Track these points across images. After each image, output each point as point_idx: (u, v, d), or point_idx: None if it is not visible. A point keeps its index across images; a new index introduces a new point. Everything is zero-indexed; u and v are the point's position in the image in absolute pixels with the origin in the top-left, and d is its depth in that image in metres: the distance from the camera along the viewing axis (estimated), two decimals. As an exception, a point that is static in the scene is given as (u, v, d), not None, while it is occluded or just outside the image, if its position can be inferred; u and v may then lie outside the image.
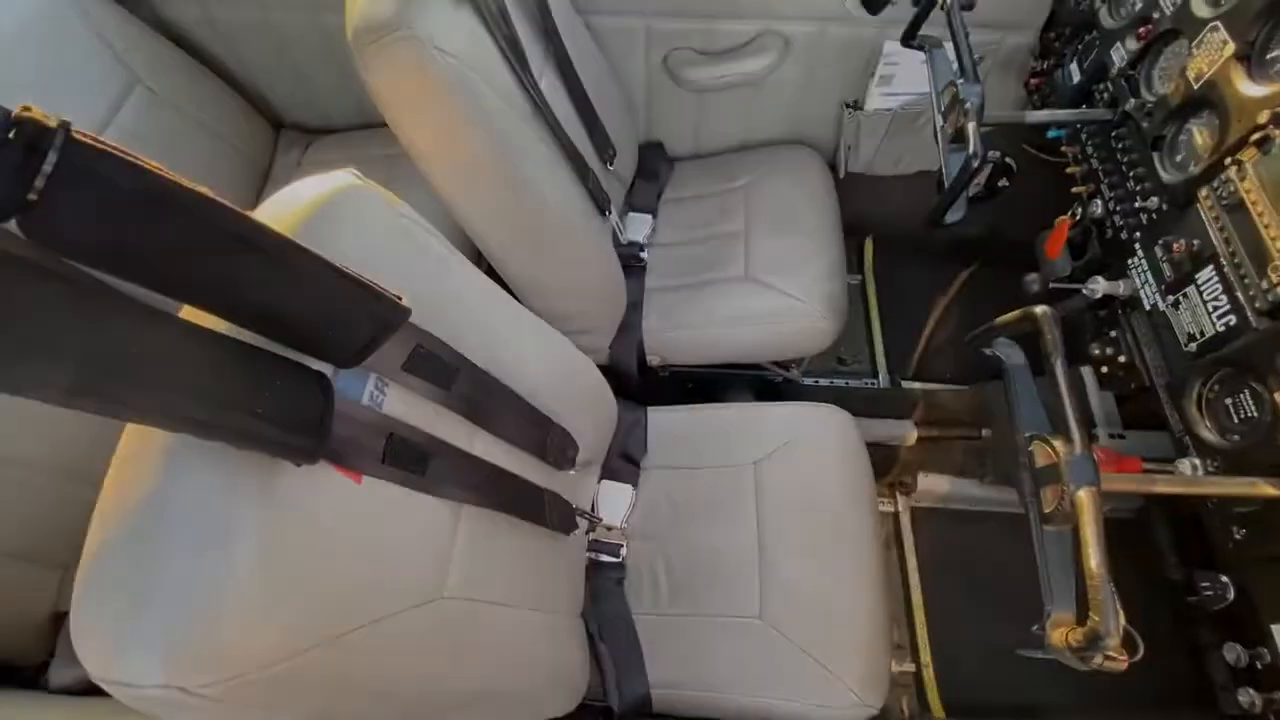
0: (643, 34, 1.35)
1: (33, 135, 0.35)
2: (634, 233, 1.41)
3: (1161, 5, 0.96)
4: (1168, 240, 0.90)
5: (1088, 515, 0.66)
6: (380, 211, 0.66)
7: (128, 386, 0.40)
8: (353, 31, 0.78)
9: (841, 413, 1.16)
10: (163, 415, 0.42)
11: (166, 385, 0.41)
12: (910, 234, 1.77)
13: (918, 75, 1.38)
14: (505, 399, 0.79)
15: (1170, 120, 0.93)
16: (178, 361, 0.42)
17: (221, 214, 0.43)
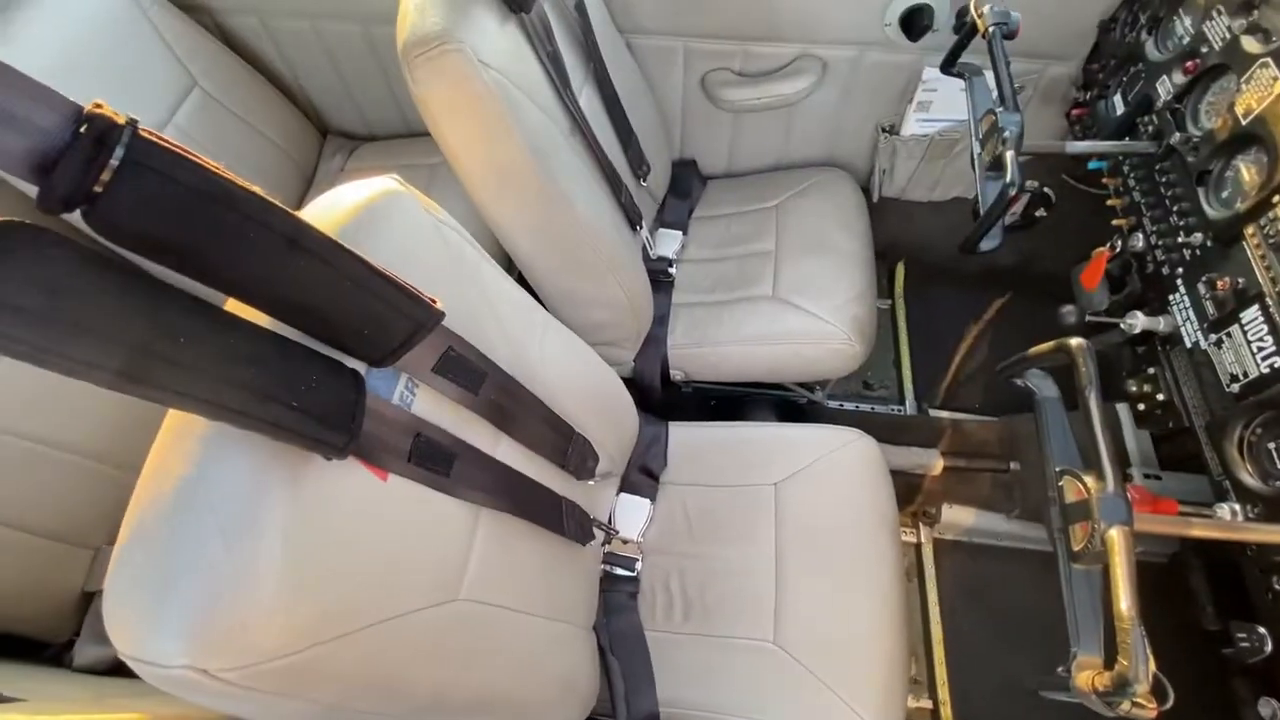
0: (681, 54, 1.37)
1: (102, 130, 0.37)
2: (664, 248, 1.42)
3: (1210, 39, 0.94)
4: (1211, 277, 0.88)
5: (1119, 555, 0.64)
6: (419, 217, 0.68)
7: (174, 374, 0.41)
8: (402, 44, 0.81)
9: (866, 438, 1.14)
10: (205, 403, 0.43)
11: (211, 374, 0.43)
12: (943, 260, 1.75)
13: (956, 102, 1.37)
14: (530, 405, 0.80)
15: (1217, 155, 0.91)
16: (222, 352, 0.44)
17: (272, 213, 0.45)
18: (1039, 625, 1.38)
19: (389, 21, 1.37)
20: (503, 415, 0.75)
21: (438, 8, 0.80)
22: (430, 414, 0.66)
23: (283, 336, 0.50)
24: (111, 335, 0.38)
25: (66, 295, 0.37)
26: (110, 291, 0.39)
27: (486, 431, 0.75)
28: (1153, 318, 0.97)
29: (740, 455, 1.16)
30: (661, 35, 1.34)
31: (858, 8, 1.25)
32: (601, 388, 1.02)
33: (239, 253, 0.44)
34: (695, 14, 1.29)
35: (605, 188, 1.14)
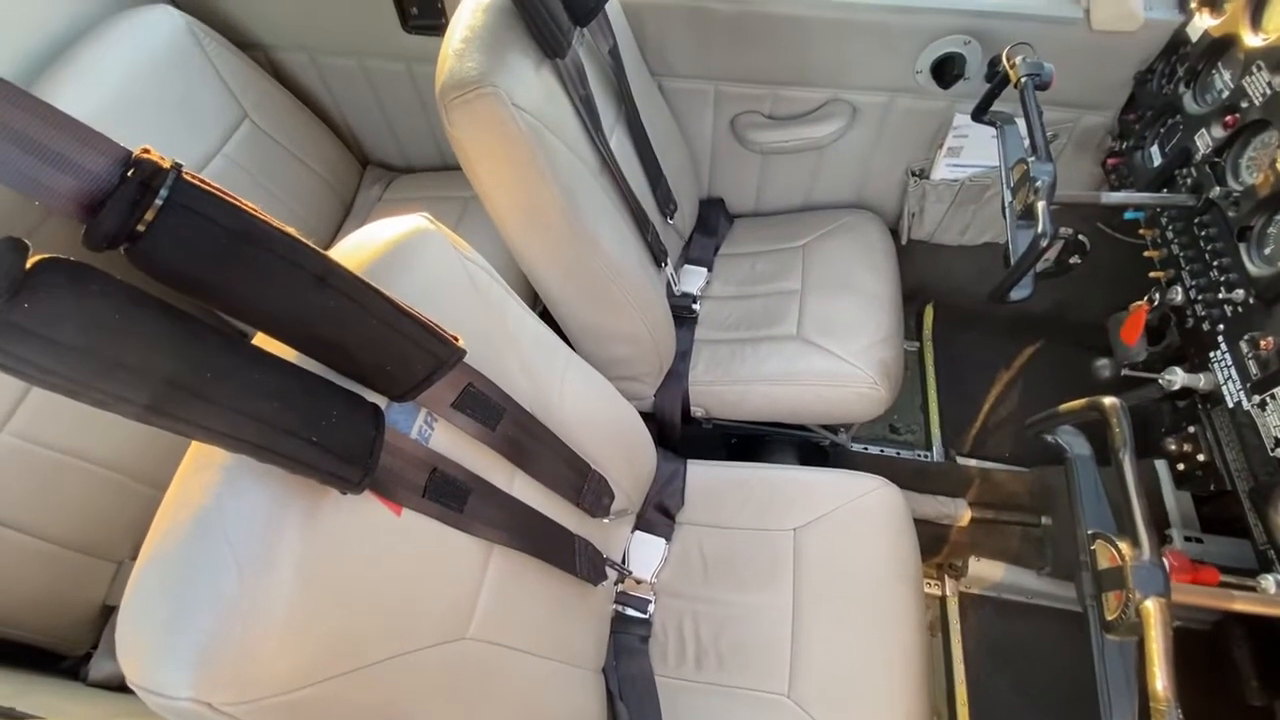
0: (712, 97, 1.40)
1: (148, 174, 0.39)
2: (688, 284, 1.43)
3: (1250, 94, 0.93)
4: (1254, 336, 0.85)
5: (1155, 629, 0.60)
6: (446, 254, 0.70)
7: (199, 408, 0.42)
8: (440, 87, 0.84)
9: (890, 486, 1.12)
10: (225, 437, 0.44)
11: (235, 410, 0.44)
12: (974, 304, 1.73)
13: (987, 148, 1.37)
14: (547, 442, 0.80)
15: (1258, 211, 0.88)
16: (248, 388, 0.45)
17: (303, 252, 0.46)
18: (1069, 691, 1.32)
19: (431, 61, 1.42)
20: (519, 451, 0.75)
21: (476, 53, 0.83)
22: (447, 449, 0.66)
23: (307, 371, 0.51)
24: (143, 370, 0.40)
25: (103, 332, 0.38)
26: (144, 327, 0.40)
27: (502, 467, 0.75)
28: (1193, 375, 0.94)
29: (759, 498, 1.14)
30: (693, 78, 1.37)
31: (889, 56, 1.26)
32: (620, 425, 1.01)
33: (270, 290, 0.46)
34: (727, 58, 1.32)
35: (632, 226, 1.15)
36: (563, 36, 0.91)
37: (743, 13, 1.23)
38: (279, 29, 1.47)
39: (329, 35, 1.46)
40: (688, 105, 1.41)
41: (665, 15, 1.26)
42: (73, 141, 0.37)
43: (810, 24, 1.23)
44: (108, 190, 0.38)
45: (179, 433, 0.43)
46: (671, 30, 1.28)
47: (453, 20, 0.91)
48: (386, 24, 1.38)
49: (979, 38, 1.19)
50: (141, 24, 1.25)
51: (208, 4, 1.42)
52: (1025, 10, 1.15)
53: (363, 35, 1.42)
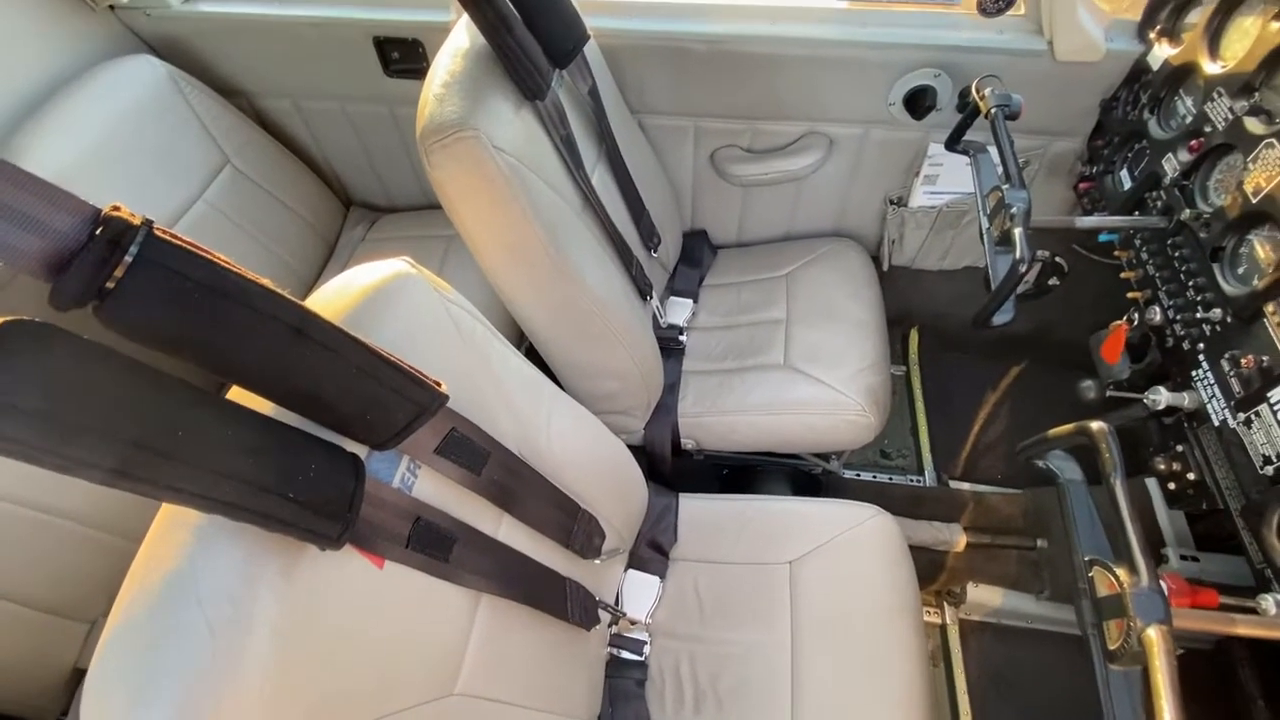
0: (692, 133, 1.42)
1: (116, 232, 0.38)
2: (674, 316, 1.43)
3: (1212, 119, 0.95)
4: (1235, 354, 0.86)
5: (1159, 658, 0.59)
6: (428, 298, 0.69)
7: (169, 469, 0.41)
8: (421, 131, 0.84)
9: (885, 515, 1.10)
10: (198, 498, 0.43)
11: (208, 469, 0.42)
12: (957, 327, 1.74)
13: (963, 175, 1.40)
14: (535, 484, 0.79)
15: (1229, 232, 0.90)
16: (222, 445, 0.44)
17: (280, 304, 0.46)
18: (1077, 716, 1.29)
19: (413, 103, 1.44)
20: (506, 495, 0.74)
21: (455, 97, 0.84)
22: (431, 496, 0.65)
23: (283, 424, 0.49)
24: (108, 432, 0.38)
25: (66, 394, 0.37)
26: (111, 387, 0.39)
27: (489, 512, 0.74)
28: (1176, 393, 0.95)
29: (754, 531, 1.13)
30: (672, 115, 1.39)
31: (863, 89, 1.29)
32: (610, 462, 1.00)
33: (246, 343, 0.45)
34: (705, 95, 1.34)
35: (617, 261, 1.15)
36: (541, 79, 0.92)
37: (719, 51, 1.26)
38: (262, 76, 1.49)
39: (312, 81, 1.47)
40: (668, 141, 1.43)
41: (643, 55, 1.28)
42: (38, 201, 0.37)
43: (785, 61, 1.26)
44: (75, 249, 0.37)
45: (146, 495, 0.41)
46: (649, 70, 1.31)
47: (433, 65, 0.92)
48: (369, 69, 1.40)
49: (948, 70, 1.23)
50: (123, 74, 1.26)
51: (191, 54, 1.43)
52: (991, 44, 1.19)
53: (346, 80, 1.44)
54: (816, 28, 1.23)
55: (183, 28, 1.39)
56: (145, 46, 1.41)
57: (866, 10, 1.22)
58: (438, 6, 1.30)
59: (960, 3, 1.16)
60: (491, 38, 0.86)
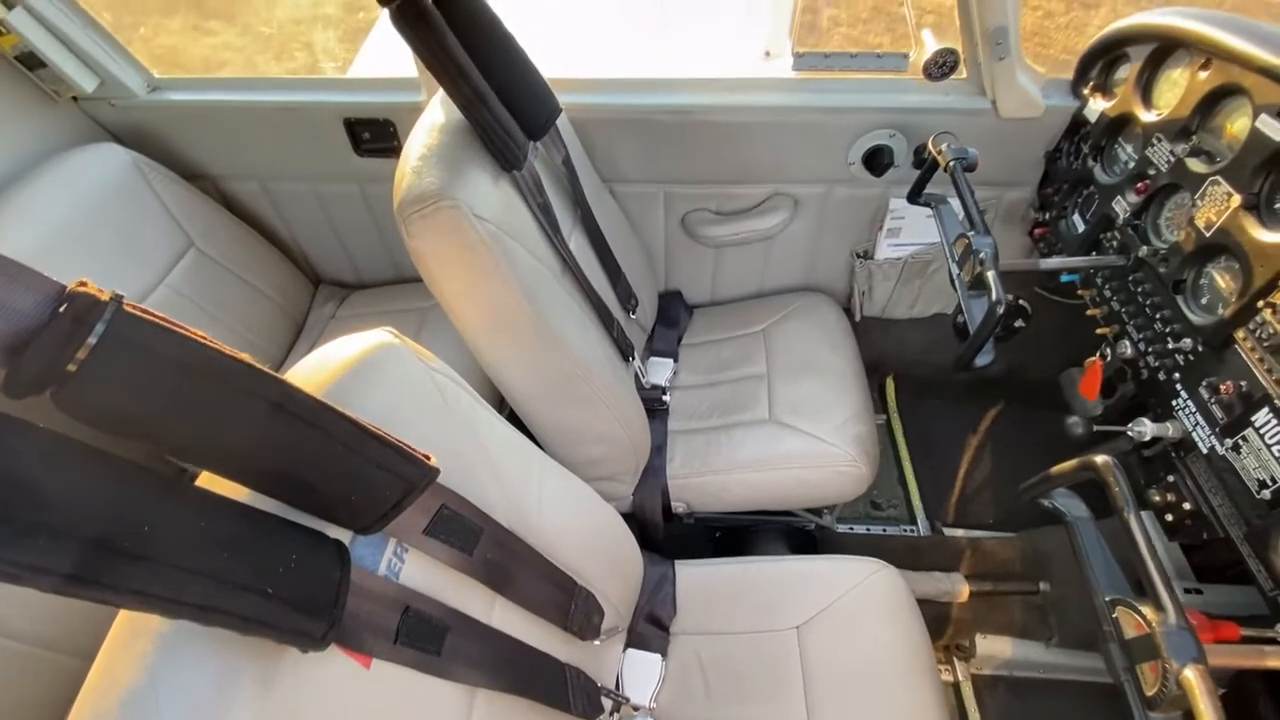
0: (662, 198, 1.45)
1: (82, 309, 0.35)
2: (656, 376, 1.42)
3: (1155, 163, 1.01)
4: (1212, 382, 0.87)
5: (1202, 700, 0.57)
6: (412, 368, 0.66)
7: (135, 572, 0.36)
8: (399, 202, 0.84)
9: (888, 569, 1.07)
10: (169, 602, 0.38)
11: (178, 567, 0.38)
12: (932, 373, 1.77)
13: (925, 226, 1.45)
14: (529, 560, 0.74)
15: (1187, 265, 0.94)
16: (193, 539, 0.39)
17: (259, 379, 0.42)
18: (1106, 772, 1.23)
19: (383, 180, 1.44)
20: (499, 575, 0.69)
21: (433, 169, 0.84)
22: (421, 583, 0.60)
23: (260, 511, 0.45)
24: (65, 531, 0.34)
25: (17, 492, 0.33)
26: (69, 481, 0.35)
27: (481, 595, 0.68)
28: (1160, 424, 0.96)
29: (756, 596, 1.07)
30: (643, 183, 1.43)
31: (823, 151, 1.35)
32: (604, 531, 0.95)
33: (221, 424, 0.41)
34: (673, 163, 1.38)
35: (598, 324, 1.15)
36: (518, 150, 0.93)
37: (685, 121, 1.31)
38: (229, 160, 1.49)
39: (281, 163, 1.48)
40: (640, 207, 1.46)
41: (613, 127, 1.33)
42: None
43: (748, 127, 1.32)
44: (34, 330, 0.34)
45: (108, 603, 0.36)
46: (619, 140, 1.35)
47: (408, 141, 0.93)
48: (339, 149, 1.41)
49: (903, 130, 1.30)
50: (87, 161, 1.24)
51: (156, 141, 1.43)
52: (940, 105, 1.26)
53: (315, 161, 1.44)
54: (775, 96, 1.29)
55: (148, 116, 1.39)
56: (109, 136, 1.40)
57: (821, 79, 1.29)
58: (409, 89, 1.33)
59: (908, 69, 1.24)
60: (468, 112, 0.88)
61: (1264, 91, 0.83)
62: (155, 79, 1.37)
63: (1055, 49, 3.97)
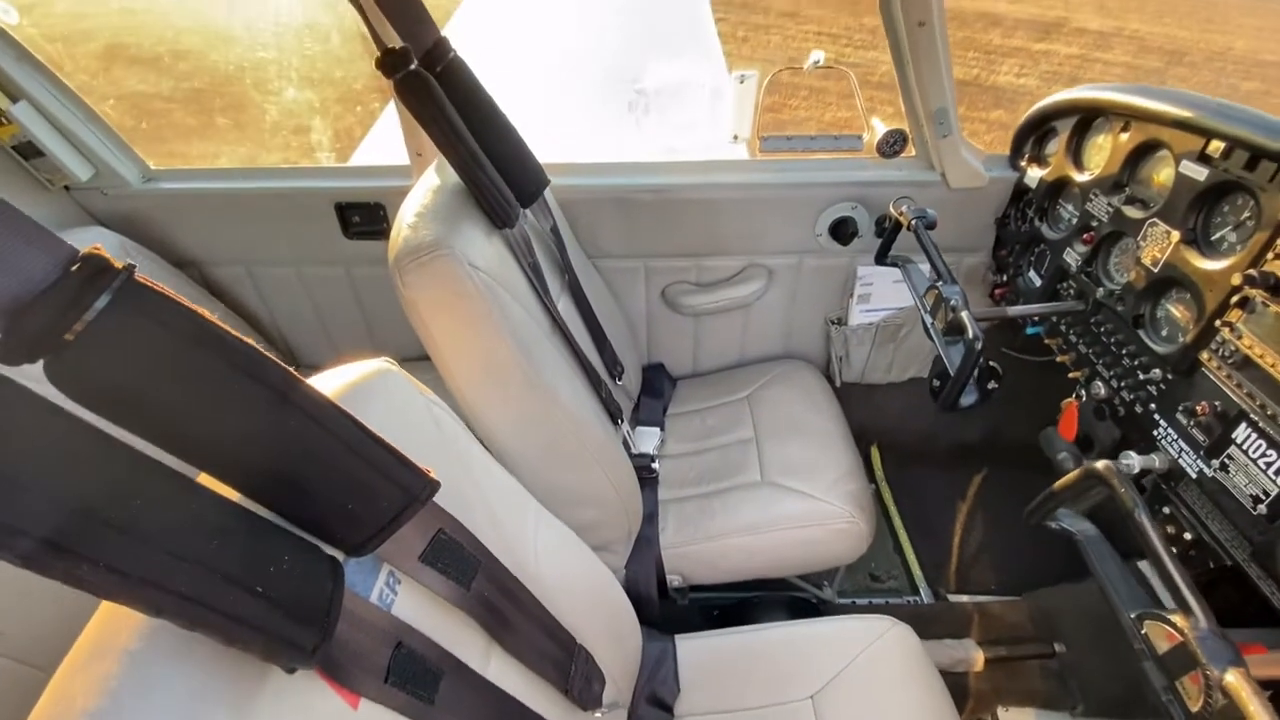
0: (643, 272, 1.52)
1: (94, 272, 0.34)
2: (643, 445, 1.40)
3: (1096, 215, 1.11)
4: (1188, 405, 0.90)
5: (1251, 702, 0.54)
6: (410, 397, 0.65)
7: (120, 547, 0.33)
8: (396, 255, 0.86)
9: (901, 625, 1.02)
10: (149, 587, 0.34)
11: (164, 546, 0.35)
12: (914, 440, 1.78)
13: (893, 291, 1.53)
14: (528, 606, 0.68)
15: (1142, 301, 1.00)
16: (183, 519, 0.36)
17: (265, 365, 0.41)
18: None
19: (369, 262, 1.48)
20: (496, 617, 0.63)
21: (430, 223, 0.87)
22: (413, 618, 0.55)
23: (253, 512, 0.42)
24: (48, 492, 0.31)
25: (3, 448, 0.30)
26: (57, 439, 0.33)
27: (477, 642, 0.62)
28: (1145, 456, 0.97)
29: (764, 666, 1.00)
30: (625, 258, 1.49)
31: (791, 224, 1.44)
32: (602, 592, 0.90)
33: (224, 407, 0.39)
34: (653, 238, 1.46)
35: (586, 383, 1.14)
36: (510, 209, 0.98)
37: (663, 199, 1.40)
38: (218, 246, 1.51)
39: (268, 247, 1.51)
40: (622, 281, 1.51)
41: (596, 206, 1.41)
42: (11, 236, 0.33)
43: (722, 204, 1.41)
44: (39, 290, 0.33)
45: (83, 584, 0.32)
46: (602, 218, 1.42)
47: (402, 206, 0.96)
48: (328, 233, 1.45)
49: (864, 202, 1.40)
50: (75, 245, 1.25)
51: (145, 228, 1.45)
52: (895, 178, 1.38)
53: (304, 245, 1.48)
54: (745, 174, 1.40)
55: (140, 204, 1.42)
56: (97, 223, 1.43)
57: (786, 159, 1.41)
58: (400, 175, 1.41)
59: (863, 148, 1.37)
60: (464, 171, 0.93)
61: (1181, 141, 0.94)
62: (150, 170, 1.42)
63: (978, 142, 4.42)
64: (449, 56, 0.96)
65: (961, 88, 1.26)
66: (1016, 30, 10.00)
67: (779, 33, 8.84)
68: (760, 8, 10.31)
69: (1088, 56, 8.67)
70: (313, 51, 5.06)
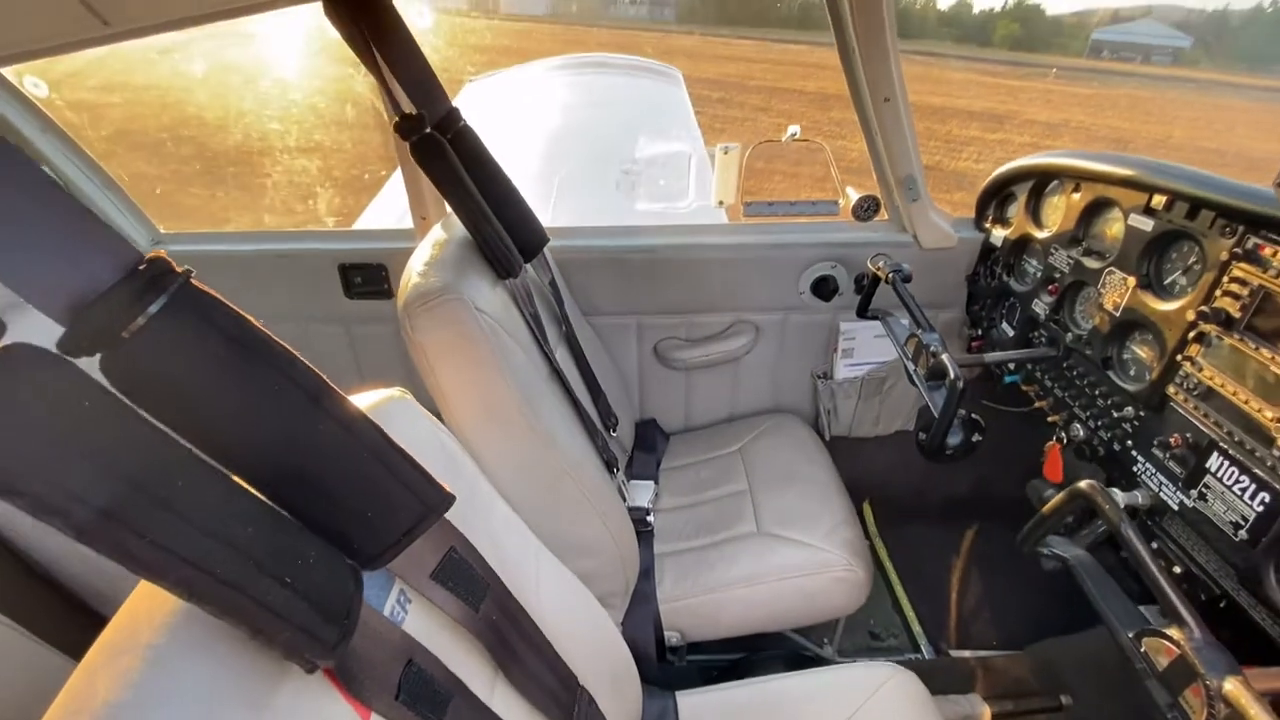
0: (635, 329, 1.57)
1: (158, 273, 0.38)
2: (638, 499, 1.40)
3: (1058, 267, 1.19)
4: (1162, 439, 0.95)
5: (1252, 708, 0.54)
6: (421, 425, 0.67)
7: (163, 520, 0.35)
8: (405, 301, 0.90)
9: (904, 672, 1.00)
10: (187, 566, 0.35)
11: (203, 528, 0.36)
12: (905, 496, 1.80)
13: (875, 346, 1.59)
14: (532, 637, 0.68)
15: (1109, 344, 1.07)
16: (220, 505, 0.38)
17: (301, 370, 0.44)
18: None
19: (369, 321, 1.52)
20: (503, 646, 0.63)
21: (438, 271, 0.92)
22: (424, 635, 0.55)
23: (279, 511, 0.44)
24: (109, 465, 0.33)
25: (70, 417, 0.33)
26: (115, 421, 0.35)
27: (483, 671, 0.62)
28: (1129, 493, 1.00)
29: (768, 718, 0.97)
30: (618, 315, 1.55)
31: (775, 282, 1.52)
32: (604, 639, 0.88)
33: (263, 406, 0.42)
34: (645, 296, 1.52)
35: (583, 430, 1.16)
36: (514, 260, 1.03)
37: (654, 259, 1.47)
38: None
39: (270, 307, 1.54)
40: (615, 338, 1.56)
41: (590, 266, 1.47)
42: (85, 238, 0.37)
43: (709, 263, 1.49)
44: (103, 288, 0.36)
45: (127, 558, 0.34)
46: (596, 278, 1.49)
47: (410, 259, 1.01)
48: (330, 293, 1.49)
49: (843, 262, 1.49)
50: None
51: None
52: (871, 239, 1.47)
53: (305, 304, 1.52)
54: (731, 236, 1.49)
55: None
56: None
57: (768, 223, 1.50)
58: (403, 238, 1.47)
59: (839, 213, 1.47)
60: (472, 224, 0.99)
61: (1127, 198, 1.03)
62: (160, 233, 1.47)
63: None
64: (459, 124, 1.05)
65: (925, 172, 1.37)
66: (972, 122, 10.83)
67: (752, 125, 9.50)
68: (735, 103, 11.11)
69: (1039, 144, 9.36)
70: (325, 124, 5.37)
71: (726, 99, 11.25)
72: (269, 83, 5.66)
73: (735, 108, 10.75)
